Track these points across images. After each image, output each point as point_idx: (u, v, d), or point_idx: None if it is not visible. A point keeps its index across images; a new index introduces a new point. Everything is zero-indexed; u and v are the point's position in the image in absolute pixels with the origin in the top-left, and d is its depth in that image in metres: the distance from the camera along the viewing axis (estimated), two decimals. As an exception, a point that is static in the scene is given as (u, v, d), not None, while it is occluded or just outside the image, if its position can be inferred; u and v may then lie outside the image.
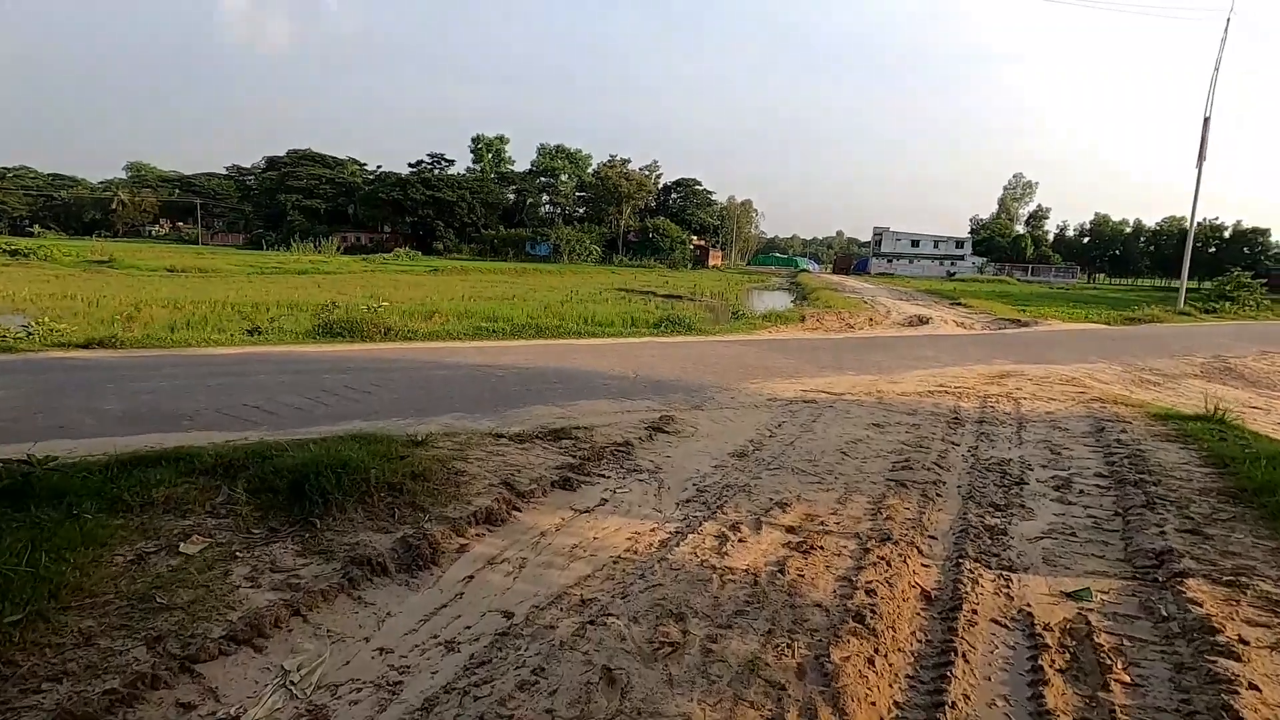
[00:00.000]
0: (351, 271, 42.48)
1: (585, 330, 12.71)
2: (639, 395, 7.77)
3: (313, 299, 21.20)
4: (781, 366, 10.11)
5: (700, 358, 10.49)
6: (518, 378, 8.33)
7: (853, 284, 50.68)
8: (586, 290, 33.87)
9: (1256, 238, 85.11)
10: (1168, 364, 12.82)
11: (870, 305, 27.13)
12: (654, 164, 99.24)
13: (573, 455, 5.68)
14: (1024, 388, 9.23)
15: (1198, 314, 25.35)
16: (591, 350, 10.75)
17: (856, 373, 9.94)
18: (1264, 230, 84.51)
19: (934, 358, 11.82)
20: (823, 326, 17.46)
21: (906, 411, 7.56)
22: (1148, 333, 18.91)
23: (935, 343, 14.21)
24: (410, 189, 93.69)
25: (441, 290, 28.99)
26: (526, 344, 11.25)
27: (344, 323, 10.78)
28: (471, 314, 19.78)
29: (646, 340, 12.44)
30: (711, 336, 13.57)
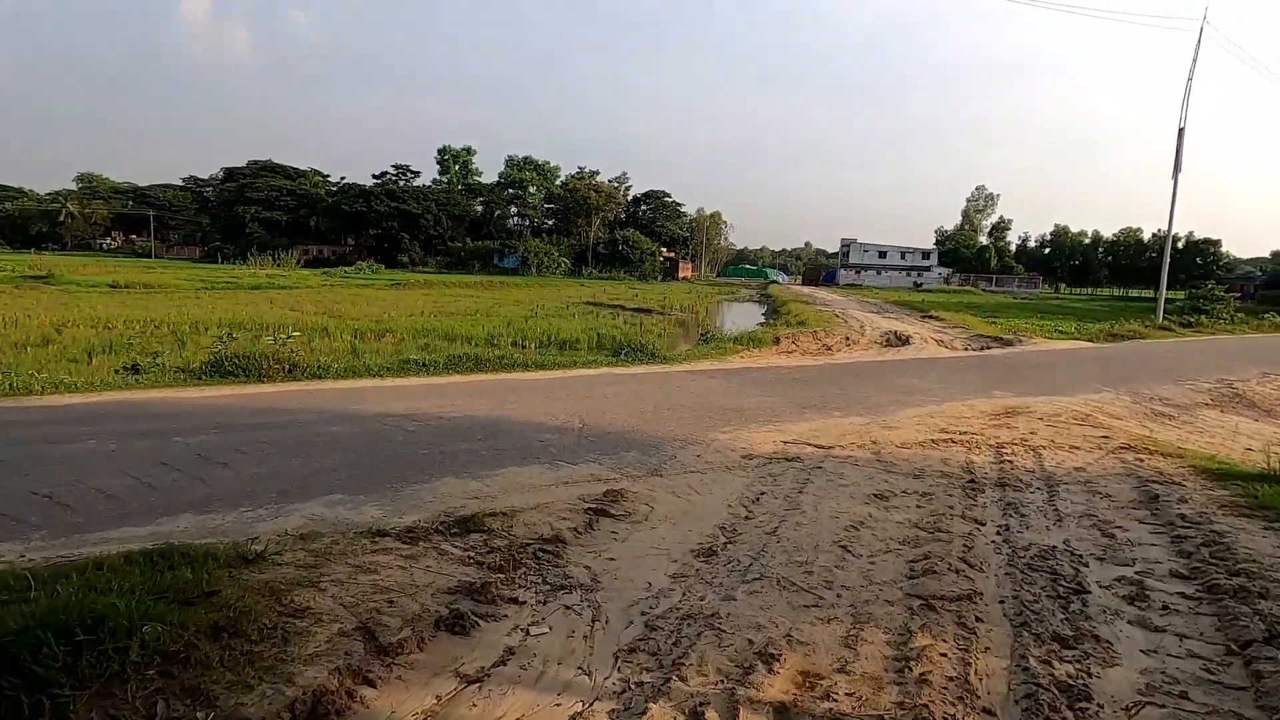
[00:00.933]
0: (309, 286, 40.50)
1: (533, 362, 11.10)
2: (584, 456, 6.24)
3: (260, 317, 19.55)
4: (757, 407, 8.67)
5: (663, 397, 9.00)
6: (434, 433, 6.72)
7: (823, 296, 50.01)
8: (553, 304, 32.37)
9: (1208, 248, 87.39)
10: (1175, 392, 11.72)
11: (843, 320, 26.11)
12: (623, 176, 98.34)
13: (479, 563, 4.13)
14: (1038, 431, 7.92)
15: (1177, 328, 24.74)
16: (536, 388, 9.19)
17: (844, 413, 8.56)
18: (1215, 241, 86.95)
19: (927, 390, 10.51)
20: (798, 349, 16.15)
21: (912, 473, 6.16)
22: (1137, 352, 17.99)
23: (923, 370, 12.94)
24: (374, 201, 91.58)
25: (401, 306, 27.28)
26: (461, 381, 9.63)
27: (239, 359, 9.04)
28: (428, 331, 18.35)
29: (603, 372, 10.91)
30: (677, 366, 12.10)
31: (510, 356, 10.99)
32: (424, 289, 42.67)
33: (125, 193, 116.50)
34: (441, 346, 16.01)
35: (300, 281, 44.33)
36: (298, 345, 10.12)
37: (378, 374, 9.73)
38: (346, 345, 15.20)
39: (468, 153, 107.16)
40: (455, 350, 14.48)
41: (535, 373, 10.49)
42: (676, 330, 25.66)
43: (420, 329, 18.71)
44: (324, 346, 14.96)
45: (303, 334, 17.20)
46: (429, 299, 32.71)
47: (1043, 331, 24.91)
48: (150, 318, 18.65)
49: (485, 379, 9.85)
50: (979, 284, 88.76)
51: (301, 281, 44.50)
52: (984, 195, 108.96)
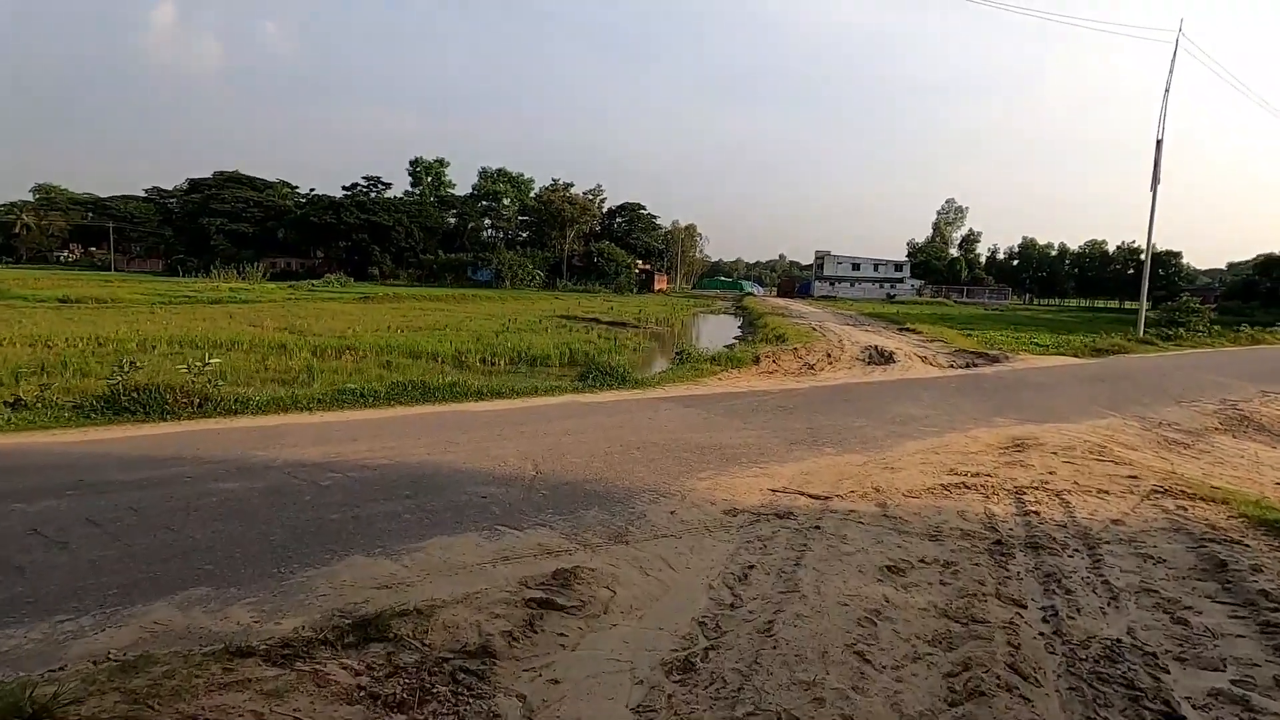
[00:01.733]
0: (272, 300, 38.95)
1: (488, 389, 9.92)
2: (533, 518, 5.14)
3: (214, 333, 18.27)
4: (740, 443, 7.63)
5: (633, 432, 7.92)
6: (353, 489, 5.55)
7: (798, 308, 49.58)
8: (526, 318, 31.32)
9: (1170, 260, 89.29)
10: (1181, 415, 10.96)
11: (822, 334, 25.37)
12: (598, 188, 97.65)
13: (372, 696, 3.02)
14: (1057, 471, 7.00)
15: (1159, 342, 24.37)
16: (488, 424, 8.04)
17: (837, 450, 7.56)
18: (1176, 254, 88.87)
19: (923, 418, 9.58)
20: (780, 368, 15.20)
21: (927, 532, 5.16)
22: (1126, 369, 17.38)
23: (915, 393, 12.05)
24: (344, 212, 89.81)
25: (368, 320, 26.06)
26: (404, 415, 8.44)
27: (138, 392, 7.77)
28: (392, 348, 17.26)
29: (566, 401, 9.79)
30: (650, 391, 11.02)
31: (462, 384, 9.80)
32: (393, 303, 41.33)
33: (85, 204, 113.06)
34: (405, 364, 15.21)
35: (264, 295, 42.75)
36: (217, 373, 8.81)
37: (307, 407, 8.50)
38: (304, 363, 14.14)
39: (440, 164, 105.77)
40: (408, 375, 13.37)
41: (490, 403, 9.34)
42: (652, 345, 24.74)
43: (384, 345, 17.70)
44: (279, 365, 14.01)
45: (258, 352, 16.21)
46: (397, 313, 31.60)
47: (1019, 343, 24.53)
48: (96, 335, 17.27)
49: (432, 412, 8.67)
50: (950, 295, 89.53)
51: (265, 295, 42.91)
52: (954, 208, 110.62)
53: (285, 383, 12.19)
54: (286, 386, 11.82)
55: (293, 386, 11.72)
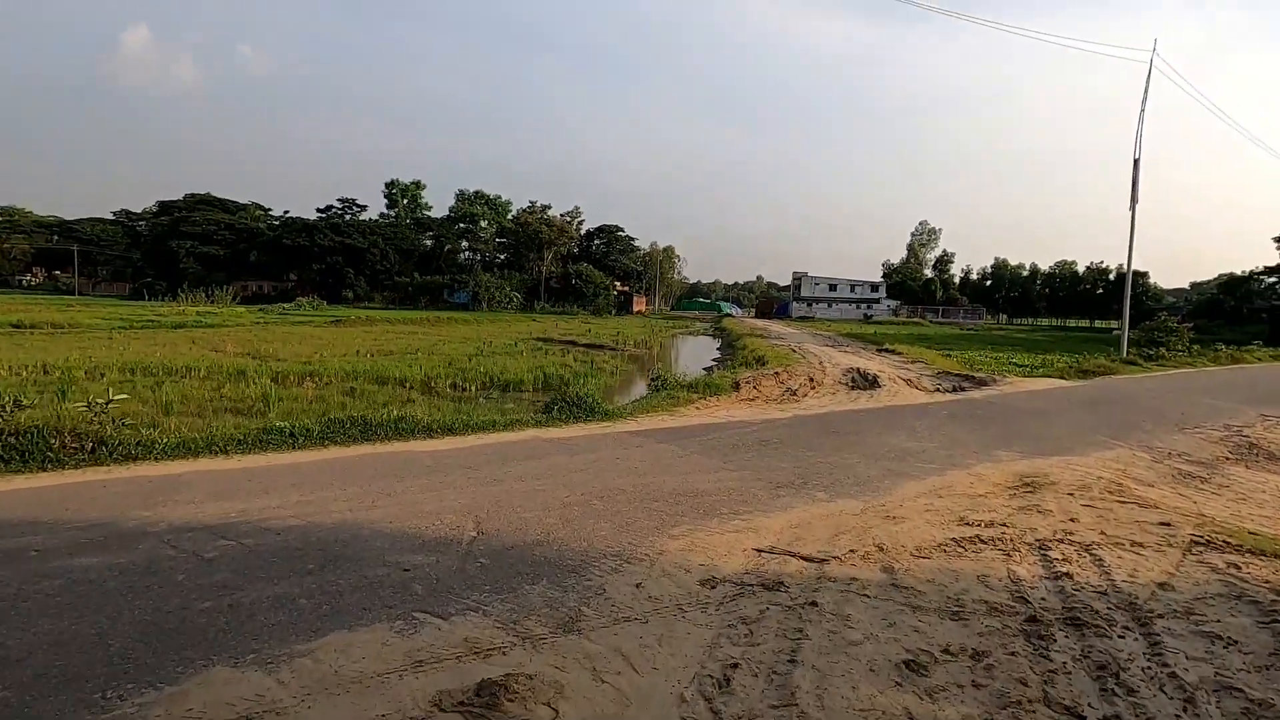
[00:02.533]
0: (240, 324, 37.61)
1: (439, 425, 8.85)
2: (464, 598, 4.14)
3: (172, 360, 17.06)
4: (719, 488, 6.71)
5: (596, 477, 6.95)
6: (243, 562, 4.50)
7: (777, 329, 49.15)
8: (502, 341, 30.39)
9: (1139, 280, 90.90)
10: (1189, 444, 10.26)
11: (802, 357, 24.67)
12: (575, 210, 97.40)
13: None
14: (1078, 517, 6.16)
15: (1143, 362, 24.01)
16: (431, 468, 7.01)
17: (829, 494, 6.67)
18: (1143, 273, 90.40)
19: (919, 452, 8.74)
20: (760, 394, 14.36)
21: (946, 606, 4.26)
22: (1118, 391, 16.80)
23: (905, 422, 11.25)
24: (318, 234, 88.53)
25: (337, 344, 24.94)
26: (336, 458, 7.38)
27: (17, 437, 6.64)
28: (359, 373, 16.32)
29: (528, 437, 8.78)
30: (621, 424, 10.05)
31: (410, 420, 8.75)
32: (365, 326, 40.09)
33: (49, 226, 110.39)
34: (370, 391, 14.32)
35: (232, 319, 41.35)
36: (122, 410, 7.70)
37: (223, 450, 7.40)
38: (262, 391, 13.17)
39: (416, 186, 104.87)
40: (373, 401, 12.51)
41: (440, 441, 8.30)
42: (629, 368, 23.87)
43: (351, 371, 16.82)
44: (235, 393, 13.12)
45: (215, 379, 15.12)
46: (369, 337, 30.51)
47: (999, 364, 24.15)
48: (44, 362, 15.98)
49: (370, 454, 7.62)
50: (926, 316, 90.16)
51: (233, 319, 41.51)
52: (927, 229, 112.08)
53: (239, 412, 11.43)
54: (237, 416, 11.12)
55: (247, 416, 11.03)
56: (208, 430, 8.05)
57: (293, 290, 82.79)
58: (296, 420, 8.51)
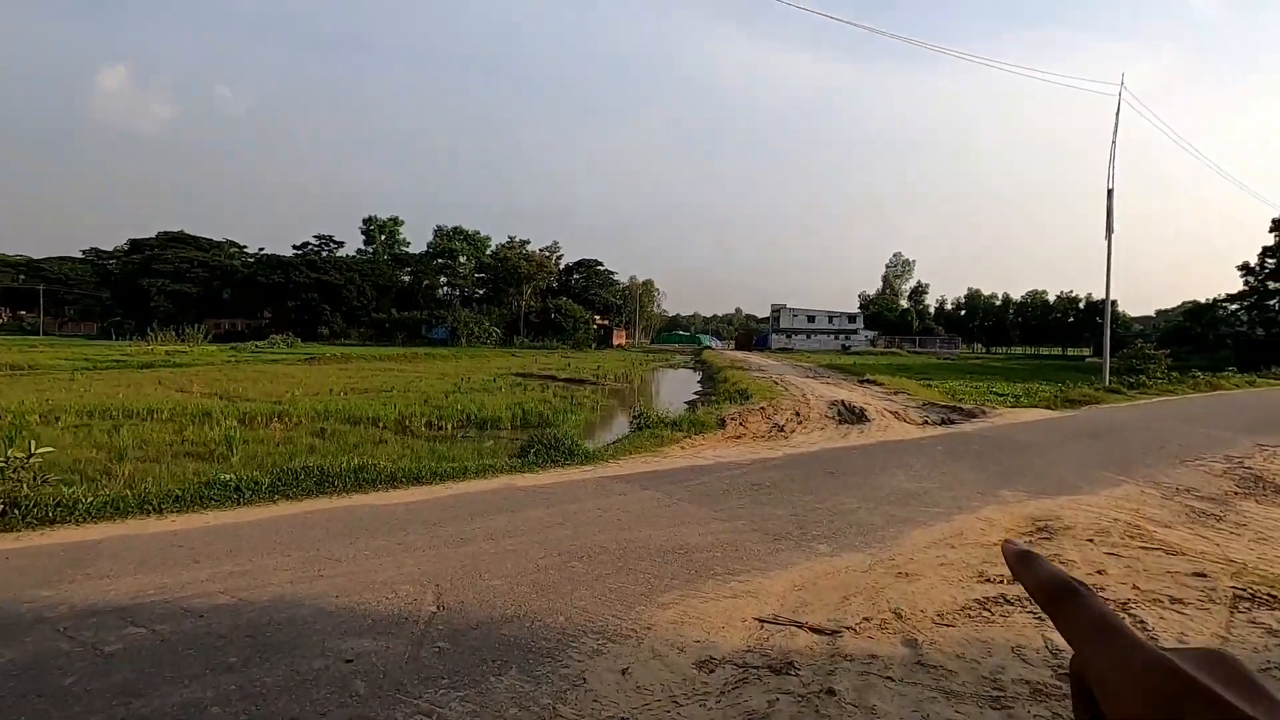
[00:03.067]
0: (210, 363, 36.41)
1: (403, 473, 8.12)
2: (412, 700, 3.42)
3: (134, 402, 16.31)
4: (711, 542, 6.07)
5: (575, 533, 6.27)
6: (150, 656, 3.73)
7: (757, 360, 48.87)
8: (480, 377, 29.71)
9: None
10: (1195, 478, 9.87)
11: (785, 389, 24.26)
12: (554, 245, 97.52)
13: None
14: (1106, 568, 5.62)
15: (1126, 391, 23.92)
16: (389, 525, 6.27)
17: (832, 546, 6.07)
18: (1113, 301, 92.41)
19: (921, 494, 8.20)
20: (748, 430, 13.81)
21: (982, 691, 3.64)
22: (1109, 422, 16.51)
23: (901, 459, 10.73)
24: (293, 272, 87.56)
25: (309, 383, 24.09)
26: (283, 514, 6.61)
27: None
28: (330, 413, 15.64)
29: (499, 485, 8.08)
30: (601, 468, 9.39)
31: (371, 468, 8.03)
32: (340, 363, 39.15)
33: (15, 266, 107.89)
34: (342, 431, 13.72)
35: (202, 358, 40.16)
36: (43, 466, 6.90)
37: (156, 508, 6.60)
38: (227, 433, 12.46)
39: (394, 223, 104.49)
40: (345, 441, 11.88)
41: (404, 491, 7.58)
42: (610, 403, 23.32)
43: (322, 410, 16.19)
44: (197, 436, 12.43)
45: (177, 421, 14.36)
46: (343, 375, 29.70)
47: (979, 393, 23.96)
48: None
49: (323, 509, 6.88)
50: (904, 346, 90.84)
51: (204, 358, 40.32)
52: (901, 261, 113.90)
53: (200, 457, 10.82)
54: (197, 462, 10.49)
55: (208, 461, 10.46)
56: (141, 486, 7.24)
57: (267, 328, 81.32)
58: (244, 472, 7.74)
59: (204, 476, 9.25)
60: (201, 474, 9.55)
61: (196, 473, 9.64)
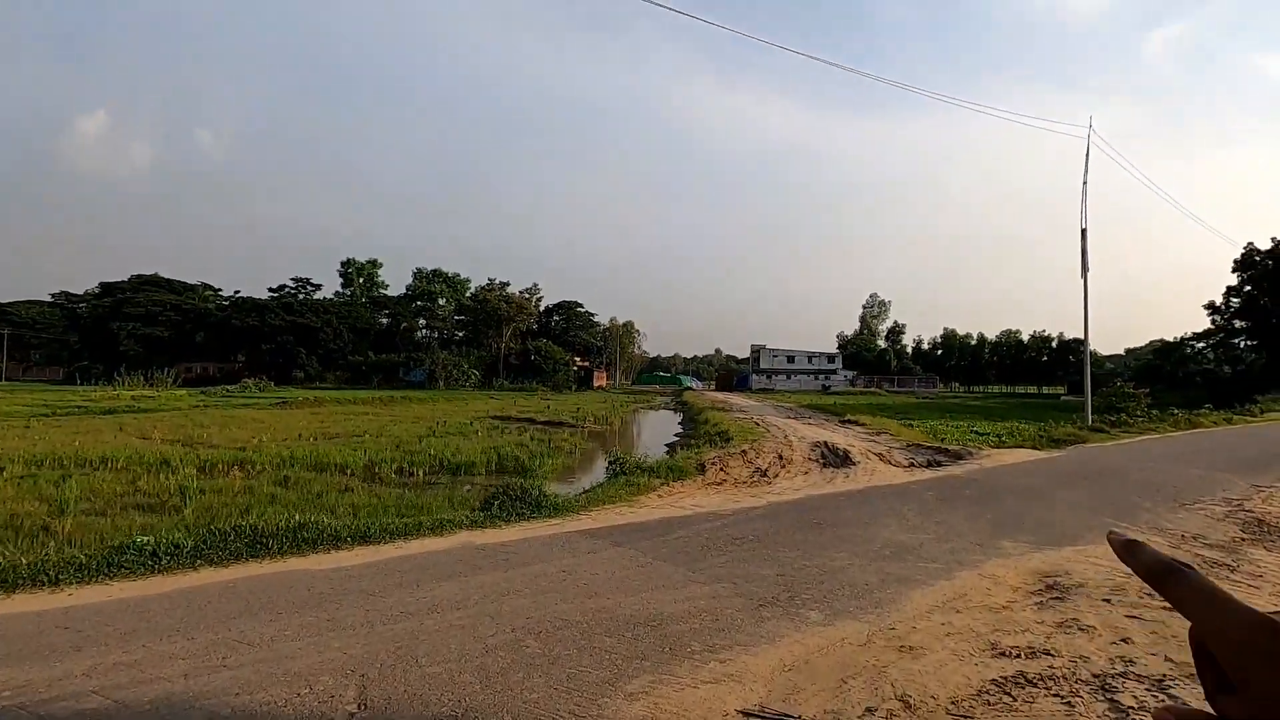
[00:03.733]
0: (177, 408, 35.21)
1: (348, 532, 7.29)
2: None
3: (87, 450, 15.51)
4: (688, 612, 5.35)
5: (534, 602, 5.50)
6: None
7: (738, 401, 48.46)
8: (457, 420, 28.94)
9: (1079, 347, 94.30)
10: (1197, 523, 9.37)
11: (766, 430, 23.74)
12: (534, 287, 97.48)
13: None
14: (1130, 634, 4.98)
15: (1110, 429, 23.69)
16: (319, 597, 5.47)
17: (825, 614, 5.39)
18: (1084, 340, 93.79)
19: (916, 547, 7.56)
20: (729, 476, 13.15)
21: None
22: (1098, 463, 16.09)
23: (891, 506, 10.12)
24: (269, 314, 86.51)
25: (278, 428, 23.20)
26: (200, 584, 5.76)
27: None
28: (295, 460, 14.92)
29: (458, 544, 7.30)
30: (571, 521, 8.64)
31: (313, 526, 7.20)
32: (313, 407, 38.04)
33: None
34: (306, 479, 13.03)
35: (170, 403, 38.86)
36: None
37: (53, 580, 5.73)
38: (184, 482, 11.60)
39: (373, 265, 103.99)
40: (309, 491, 11.12)
41: (348, 553, 6.78)
42: (589, 445, 22.63)
43: (288, 457, 15.45)
44: (152, 486, 11.64)
45: (132, 470, 13.41)
46: (315, 419, 28.81)
47: (961, 433, 23.71)
48: None
49: (248, 576, 6.06)
50: (883, 385, 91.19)
51: (171, 403, 39.01)
52: (877, 302, 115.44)
53: (150, 509, 10.13)
54: (147, 514, 9.76)
55: (159, 514, 9.76)
56: (40, 551, 6.38)
57: (240, 372, 79.65)
58: (165, 534, 6.89)
59: (125, 538, 8.45)
60: (149, 528, 8.93)
61: (143, 527, 9.01)
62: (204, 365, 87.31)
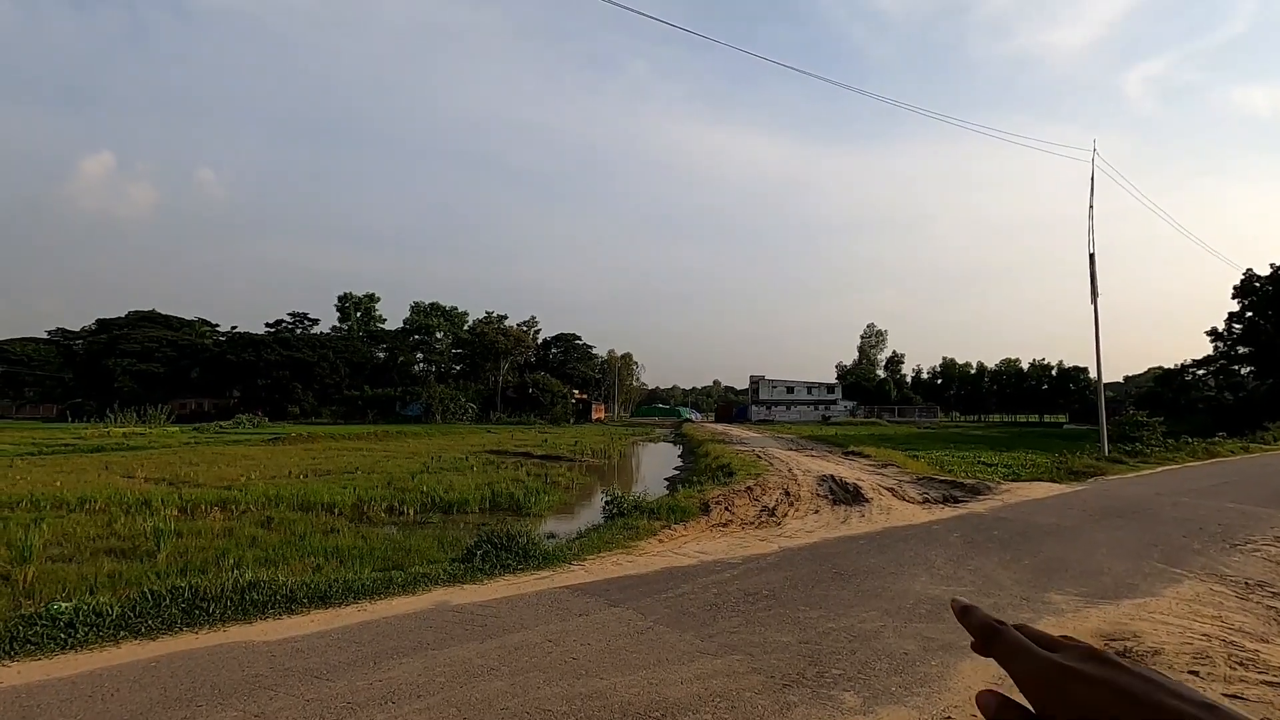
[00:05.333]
0: (167, 445, 34.29)
1: (305, 592, 6.31)
2: None
3: (68, 490, 14.89)
4: (699, 700, 4.39)
5: (513, 685, 4.52)
6: None
7: (738, 433, 47.49)
8: (452, 455, 28.16)
9: (1079, 375, 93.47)
10: (1252, 566, 8.45)
11: (769, 463, 22.84)
12: (532, 320, 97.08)
13: None
14: None
15: (1129, 460, 22.78)
16: (250, 686, 4.42)
17: (864, 698, 4.43)
18: (1083, 369, 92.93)
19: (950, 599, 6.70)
20: (735, 517, 12.22)
21: None
22: (1125, 497, 15.15)
23: (916, 552, 9.17)
24: (265, 350, 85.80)
25: (269, 465, 22.52)
26: (106, 666, 4.74)
27: None
28: (281, 499, 14.21)
29: (431, 605, 6.34)
30: (563, 574, 7.69)
31: (263, 585, 6.25)
32: (306, 443, 37.22)
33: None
34: (291, 520, 12.31)
35: (161, 440, 37.94)
36: None
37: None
38: (162, 525, 10.77)
39: (370, 299, 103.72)
40: (292, 531, 10.36)
41: (301, 618, 5.84)
42: (587, 480, 21.77)
43: (274, 496, 14.79)
44: (129, 529, 10.96)
45: (110, 512, 12.70)
46: (307, 455, 28.15)
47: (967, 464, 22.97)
48: None
49: (179, 651, 5.11)
50: (883, 415, 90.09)
51: (163, 440, 38.09)
52: (874, 332, 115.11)
53: (122, 554, 9.50)
54: (118, 560, 9.14)
55: (130, 559, 9.14)
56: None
57: (235, 407, 78.58)
58: (85, 598, 5.96)
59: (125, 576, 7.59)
60: (120, 574, 8.19)
61: (112, 573, 8.33)
62: (199, 401, 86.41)
